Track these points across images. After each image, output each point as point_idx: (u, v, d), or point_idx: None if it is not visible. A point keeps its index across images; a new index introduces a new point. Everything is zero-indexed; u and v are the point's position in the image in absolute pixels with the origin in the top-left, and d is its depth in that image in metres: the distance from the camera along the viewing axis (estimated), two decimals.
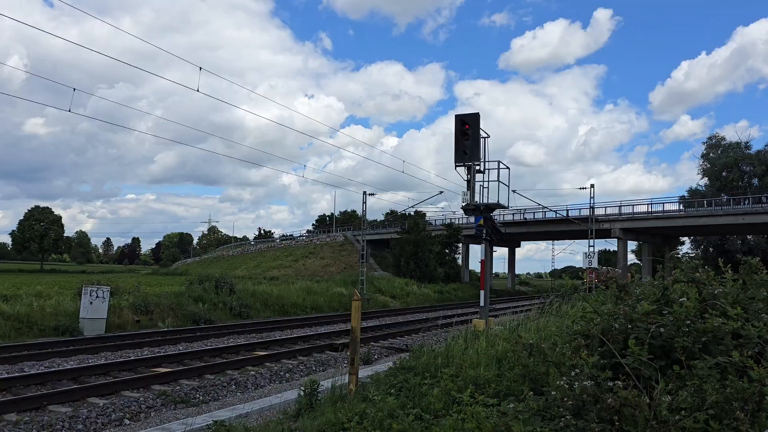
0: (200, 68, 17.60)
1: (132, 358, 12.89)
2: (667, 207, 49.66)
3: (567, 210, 53.08)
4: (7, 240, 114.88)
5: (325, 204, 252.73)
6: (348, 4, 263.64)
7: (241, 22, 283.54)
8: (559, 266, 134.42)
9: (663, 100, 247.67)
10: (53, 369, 11.28)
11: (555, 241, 75.36)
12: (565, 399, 3.63)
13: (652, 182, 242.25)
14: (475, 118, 15.05)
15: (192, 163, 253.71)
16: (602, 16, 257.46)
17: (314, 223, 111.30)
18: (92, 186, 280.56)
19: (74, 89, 16.27)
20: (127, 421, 8.37)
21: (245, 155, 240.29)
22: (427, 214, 64.48)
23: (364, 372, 9.40)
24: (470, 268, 63.11)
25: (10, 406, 8.46)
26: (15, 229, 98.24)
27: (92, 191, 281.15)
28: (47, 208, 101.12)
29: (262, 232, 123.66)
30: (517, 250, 70.81)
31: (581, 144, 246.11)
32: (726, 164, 59.17)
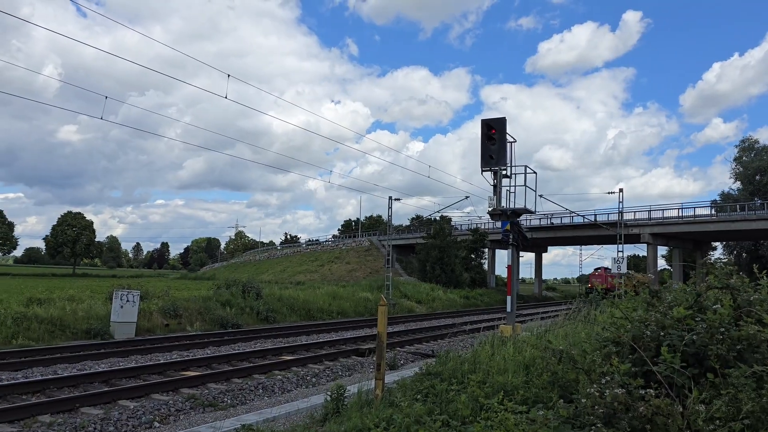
0: (228, 75, 17.82)
1: (161, 361, 13.07)
2: (699, 211, 48.69)
3: (595, 215, 52.42)
4: (41, 245, 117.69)
5: (351, 209, 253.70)
6: (374, 10, 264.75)
7: (268, 29, 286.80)
8: (586, 272, 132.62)
9: (694, 103, 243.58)
10: (85, 372, 11.49)
11: (583, 247, 74.34)
12: (596, 407, 3.58)
13: (683, 186, 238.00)
14: (501, 122, 14.95)
15: (220, 168, 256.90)
16: (631, 18, 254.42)
17: (340, 228, 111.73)
18: (123, 192, 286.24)
19: (106, 97, 16.62)
20: (157, 424, 8.48)
21: (272, 161, 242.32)
22: (453, 219, 64.30)
23: (390, 377, 9.38)
24: (496, 273, 62.64)
25: (44, 407, 8.64)
26: (48, 234, 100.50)
27: (123, 197, 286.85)
28: (79, 213, 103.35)
29: (288, 237, 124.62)
30: (544, 255, 70.05)
31: (610, 148, 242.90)
32: (759, 168, 57.83)
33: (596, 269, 58.99)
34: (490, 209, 15.45)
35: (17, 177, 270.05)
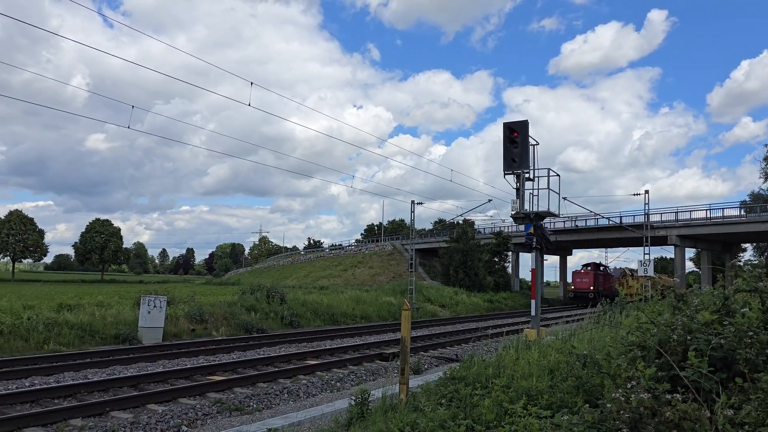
0: (251, 83, 18.03)
1: (188, 366, 13.24)
2: (727, 212, 47.76)
3: (620, 217, 51.78)
4: (71, 252, 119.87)
5: (374, 213, 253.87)
6: (395, 15, 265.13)
7: (290, 35, 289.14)
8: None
9: (722, 102, 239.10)
10: (115, 376, 11.69)
11: (608, 249, 73.45)
12: (622, 412, 3.56)
13: (711, 187, 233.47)
14: (523, 125, 14.91)
15: (243, 175, 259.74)
16: (657, 17, 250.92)
17: (363, 232, 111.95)
18: (149, 198, 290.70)
19: (132, 106, 16.92)
20: (184, 428, 8.60)
21: (295, 166, 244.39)
22: (476, 223, 63.94)
23: (414, 382, 9.39)
24: (520, 276, 62.17)
25: (76, 411, 8.82)
26: (77, 241, 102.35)
27: (149, 204, 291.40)
28: (107, 220, 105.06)
29: (311, 241, 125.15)
30: (568, 258, 69.37)
31: (635, 149, 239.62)
32: None
33: (584, 266, 55.37)
34: (513, 212, 15.40)
35: (47, 185, 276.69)
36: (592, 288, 50.49)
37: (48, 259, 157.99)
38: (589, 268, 53.80)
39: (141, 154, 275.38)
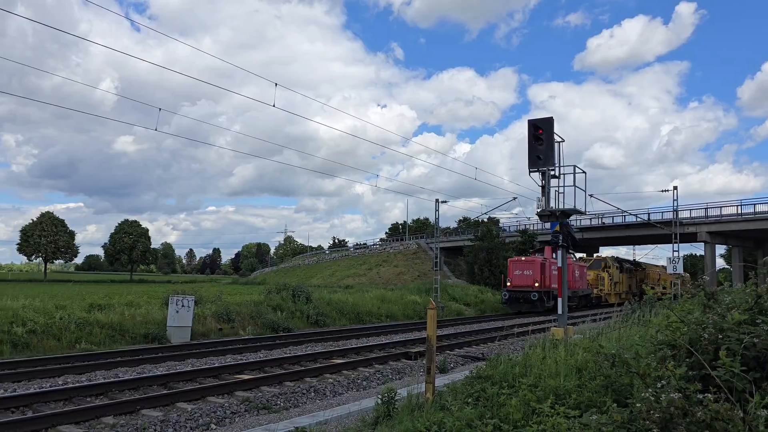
0: (276, 84, 18.17)
1: (216, 365, 13.40)
2: (759, 208, 46.72)
3: (648, 213, 51.10)
4: (100, 252, 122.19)
5: (398, 212, 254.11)
6: (418, 13, 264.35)
7: (314, 36, 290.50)
8: None
9: (753, 95, 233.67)
10: (145, 375, 11.88)
11: (636, 246, 72.38)
12: (651, 412, 3.52)
13: (743, 182, 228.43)
14: (548, 122, 14.77)
15: (269, 175, 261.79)
16: (685, 10, 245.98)
17: (387, 231, 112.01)
18: (176, 199, 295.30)
19: (159, 109, 17.20)
20: (214, 426, 8.71)
21: (319, 166, 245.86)
22: (501, 221, 63.66)
23: (440, 381, 9.38)
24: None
25: (107, 409, 8.99)
26: (107, 242, 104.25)
27: (176, 204, 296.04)
28: (136, 221, 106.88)
29: (336, 241, 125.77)
30: (595, 255, 68.54)
31: (664, 144, 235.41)
32: None
33: (534, 250, 43.46)
34: (538, 210, 15.30)
35: (78, 187, 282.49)
36: (537, 285, 34.63)
37: (78, 260, 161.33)
38: (530, 257, 37.67)
39: (168, 156, 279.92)
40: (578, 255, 52.99)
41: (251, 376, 12.05)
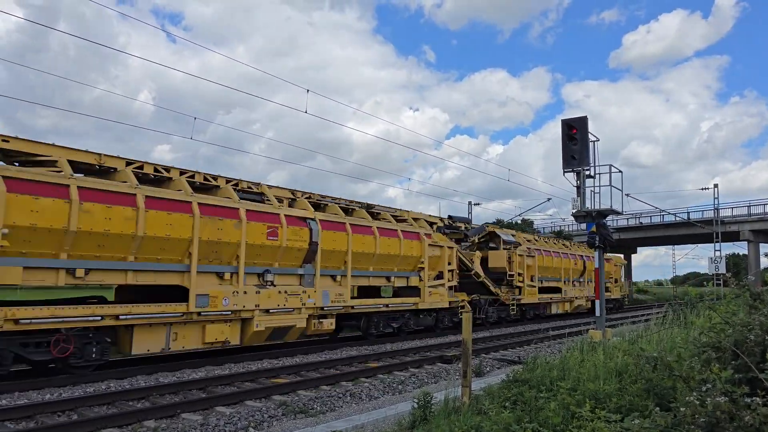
0: (307, 90, 18.32)
1: (253, 369, 13.54)
2: None
3: (688, 212, 49.94)
4: None
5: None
6: (449, 16, 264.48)
7: (345, 41, 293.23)
8: (681, 272, 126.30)
9: None
10: (184, 379, 12.08)
11: (675, 246, 70.87)
12: (697, 416, 3.43)
13: None
14: (582, 121, 14.60)
15: (302, 180, 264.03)
16: (725, 2, 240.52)
17: None
18: None
19: (195, 118, 17.50)
20: (252, 430, 8.80)
21: (352, 171, 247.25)
22: (535, 222, 62.98)
23: (476, 384, 9.32)
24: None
25: (149, 413, 9.17)
26: None
27: None
28: None
29: None
30: (633, 256, 67.27)
31: (703, 141, 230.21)
32: None
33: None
34: (574, 211, 15.11)
35: None
36: None
37: None
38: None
39: (204, 164, 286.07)
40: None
41: (288, 380, 12.15)
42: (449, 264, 22.51)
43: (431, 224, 23.12)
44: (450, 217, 26.24)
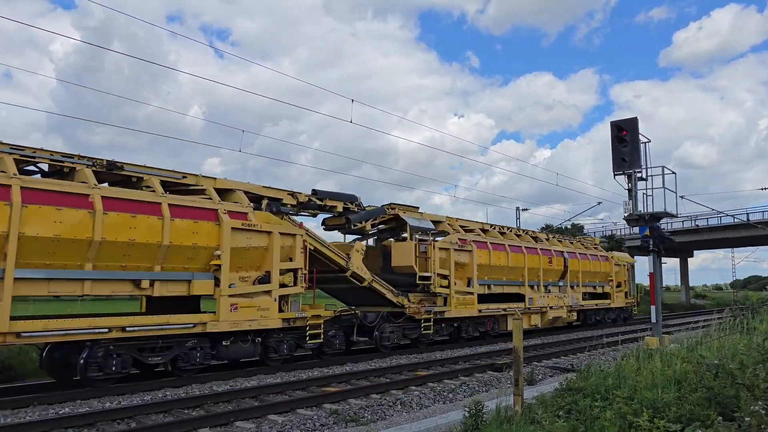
0: (352, 100, 18.41)
1: (304, 377, 13.67)
2: None
3: (747, 213, 48.10)
4: None
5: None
6: (492, 21, 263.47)
7: (389, 50, 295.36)
8: (741, 276, 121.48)
9: None
10: (237, 388, 12.30)
11: (735, 249, 68.22)
12: (763, 426, 3.30)
13: None
14: (632, 122, 14.29)
15: (348, 189, 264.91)
16: None
17: None
18: None
19: (243, 131, 17.87)
20: None
21: (398, 179, 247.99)
22: (585, 227, 61.66)
23: (528, 393, 9.17)
24: (636, 281, 59.05)
25: (204, 421, 9.37)
26: None
27: None
28: None
29: None
30: (689, 260, 65.07)
31: (762, 139, 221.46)
32: None
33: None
34: (626, 215, 14.77)
35: None
36: None
37: None
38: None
39: (252, 176, 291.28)
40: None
41: (338, 389, 12.22)
42: (290, 259, 15.25)
43: (271, 199, 15.88)
44: (315, 191, 17.46)
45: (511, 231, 25.42)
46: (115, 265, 11.89)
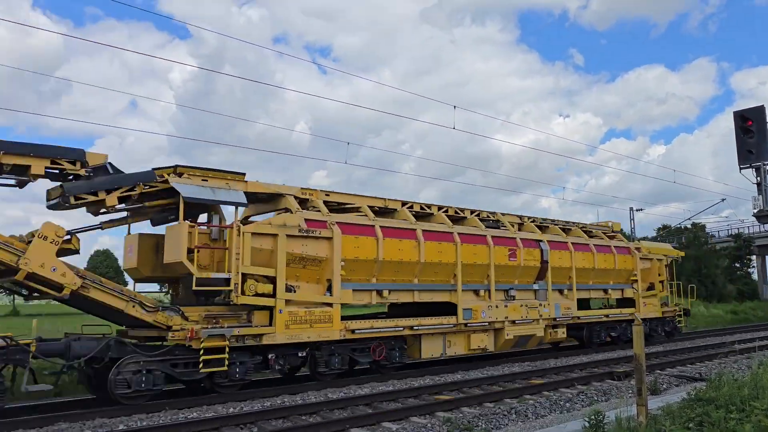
0: (454, 107, 18.47)
1: (416, 385, 13.72)
2: None
3: None
4: None
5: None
6: (596, 16, 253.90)
7: (488, 54, 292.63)
8: None
9: None
10: (351, 395, 12.55)
11: None
12: None
13: None
14: (758, 111, 13.24)
15: (453, 196, 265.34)
16: None
17: None
18: None
19: (347, 143, 18.43)
20: None
21: (502, 183, 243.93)
22: (707, 226, 57.58)
23: (652, 403, 8.67)
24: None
25: (320, 427, 9.66)
26: None
27: None
28: None
29: None
30: None
31: None
32: None
33: None
34: (755, 211, 13.70)
35: None
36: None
37: None
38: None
39: (357, 186, 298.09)
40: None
41: (450, 397, 12.15)
42: None
43: None
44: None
45: (443, 212, 17.64)
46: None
